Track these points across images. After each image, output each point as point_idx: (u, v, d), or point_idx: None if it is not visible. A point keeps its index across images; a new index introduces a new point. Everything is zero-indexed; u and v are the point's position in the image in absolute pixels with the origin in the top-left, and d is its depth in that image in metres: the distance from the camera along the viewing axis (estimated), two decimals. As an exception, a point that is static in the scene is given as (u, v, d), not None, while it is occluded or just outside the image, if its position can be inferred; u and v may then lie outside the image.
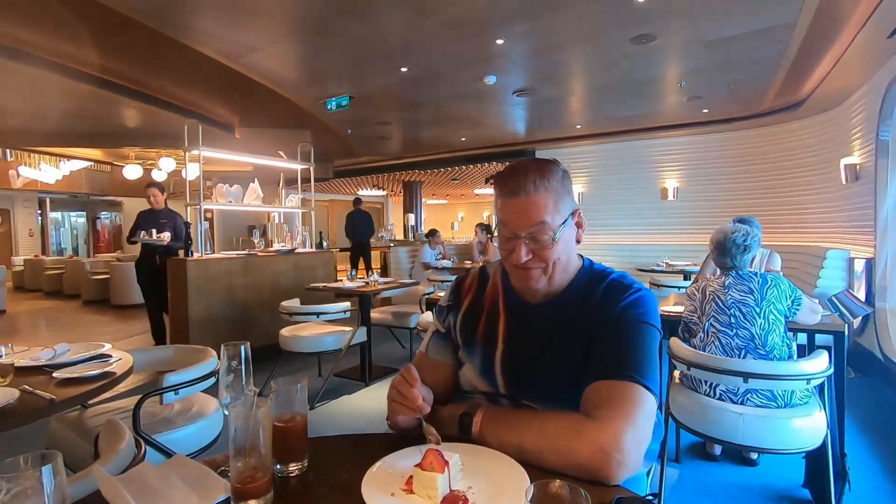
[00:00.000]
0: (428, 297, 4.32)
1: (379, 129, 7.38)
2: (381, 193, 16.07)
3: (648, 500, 0.74)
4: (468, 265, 6.58)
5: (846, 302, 2.61)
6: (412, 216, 12.60)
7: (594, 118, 6.92)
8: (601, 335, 0.95)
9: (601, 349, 0.93)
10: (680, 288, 4.83)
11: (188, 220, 4.31)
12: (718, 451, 2.54)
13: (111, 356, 1.73)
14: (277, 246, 5.35)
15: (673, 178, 7.55)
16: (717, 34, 3.89)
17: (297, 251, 5.11)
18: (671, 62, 4.63)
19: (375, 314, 4.32)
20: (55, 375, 1.52)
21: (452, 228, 18.08)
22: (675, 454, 2.53)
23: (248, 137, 7.15)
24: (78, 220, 16.77)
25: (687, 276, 5.18)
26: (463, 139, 8.23)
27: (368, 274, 4.48)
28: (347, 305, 3.66)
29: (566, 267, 1.02)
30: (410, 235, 11.61)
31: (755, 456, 2.47)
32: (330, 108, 5.67)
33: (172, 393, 1.73)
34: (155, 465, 0.84)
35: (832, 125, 5.51)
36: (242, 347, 0.89)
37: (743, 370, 1.80)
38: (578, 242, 1.04)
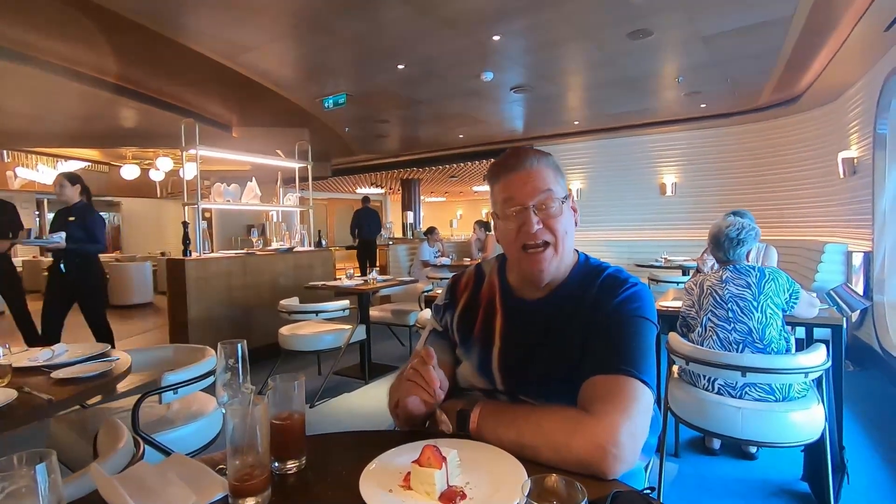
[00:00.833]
0: (427, 294, 4.33)
1: (377, 127, 7.36)
2: (379, 191, 16.05)
3: (646, 493, 0.74)
4: (467, 262, 6.58)
5: (844, 295, 2.62)
6: (411, 214, 12.59)
7: (592, 114, 6.91)
8: (597, 330, 0.95)
9: (598, 344, 0.93)
10: (678, 283, 4.85)
11: (186, 219, 4.29)
12: (717, 445, 2.55)
13: (110, 356, 1.73)
14: (276, 245, 5.35)
15: (671, 173, 7.55)
16: (713, 29, 3.89)
17: (295, 250, 5.11)
18: (668, 57, 4.62)
19: (374, 312, 4.33)
20: (53, 376, 1.52)
21: (451, 226, 18.08)
22: (674, 449, 2.54)
23: (245, 136, 7.14)
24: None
25: (685, 271, 5.18)
26: (461, 136, 8.22)
27: (368, 272, 4.48)
28: (346, 304, 3.66)
29: (570, 249, 1.03)
30: (409, 233, 11.61)
31: (754, 450, 2.48)
32: (327, 106, 5.65)
33: (171, 392, 1.73)
34: (153, 464, 0.84)
35: (830, 119, 5.50)
36: (239, 345, 0.88)
37: (741, 364, 1.81)
38: (576, 225, 1.04)
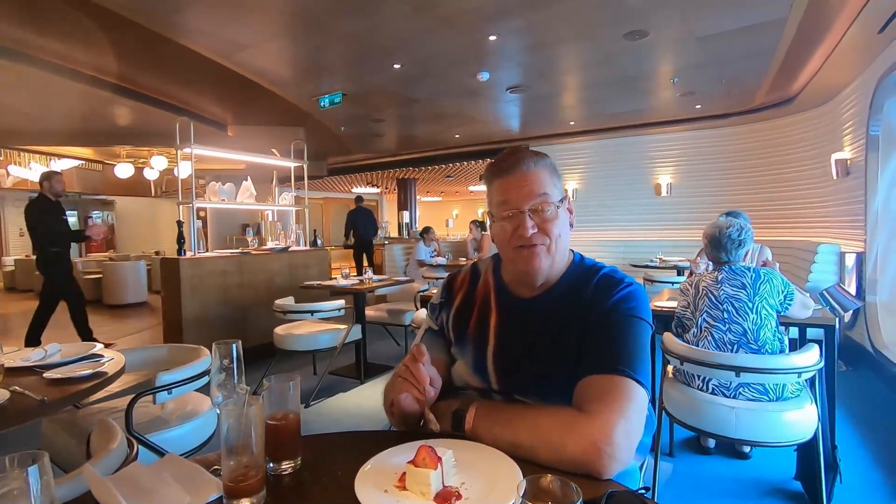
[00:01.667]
0: (422, 294, 4.32)
1: (373, 126, 7.35)
2: (375, 191, 16.03)
3: (640, 493, 0.74)
4: (463, 262, 6.58)
5: (837, 296, 2.64)
6: (407, 213, 12.58)
7: (588, 114, 6.93)
8: (592, 330, 0.95)
9: (592, 344, 0.94)
10: (674, 283, 4.87)
11: (180, 218, 4.26)
12: (712, 444, 2.56)
13: (103, 356, 1.71)
14: (271, 244, 5.33)
15: (666, 173, 7.58)
16: (709, 30, 3.91)
17: (291, 249, 5.09)
18: (664, 58, 4.64)
19: (370, 312, 4.32)
20: (46, 376, 1.50)
21: (447, 226, 18.04)
22: (668, 448, 2.55)
23: (241, 135, 7.11)
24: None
25: (680, 271, 5.20)
26: (457, 136, 8.22)
27: (363, 272, 4.47)
28: (342, 303, 3.65)
29: (564, 251, 1.03)
30: (405, 233, 11.60)
31: (748, 449, 2.50)
32: (323, 105, 5.63)
33: (165, 392, 1.72)
34: (147, 464, 0.84)
35: (823, 120, 5.54)
36: (234, 346, 0.88)
37: (735, 364, 1.81)
38: (571, 227, 1.05)
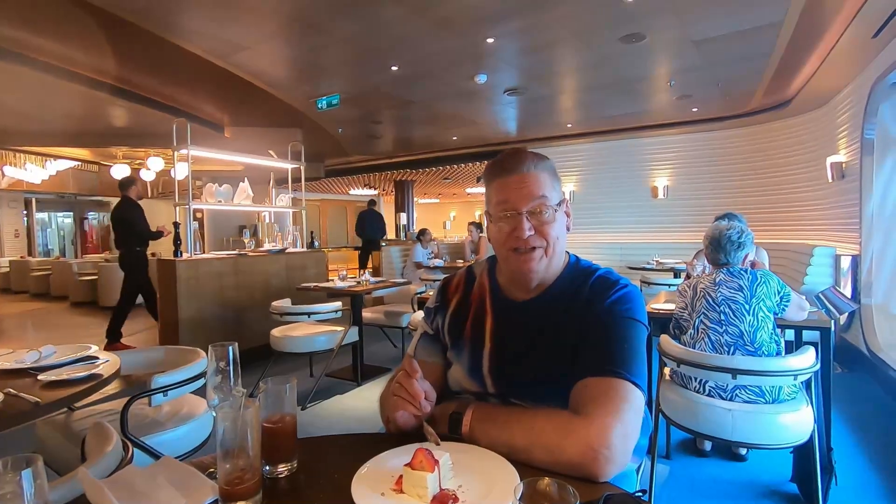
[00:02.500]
0: (420, 296, 4.32)
1: (370, 128, 7.35)
2: (372, 193, 16.02)
3: (637, 496, 0.75)
4: (460, 264, 6.58)
5: (833, 298, 2.66)
6: (404, 215, 12.58)
7: (585, 117, 6.95)
8: (588, 332, 0.95)
9: (589, 346, 0.93)
10: (670, 285, 4.88)
11: (177, 219, 4.25)
12: (708, 446, 2.57)
13: (98, 358, 1.71)
14: (268, 246, 5.31)
15: (663, 176, 7.60)
16: (705, 33, 3.92)
17: (288, 251, 5.08)
18: (660, 61, 4.66)
19: (367, 314, 4.31)
20: (40, 378, 1.49)
21: (444, 227, 18.08)
22: (665, 450, 2.55)
23: (238, 137, 7.10)
24: (65, 220, 16.51)
25: (677, 273, 5.22)
26: (454, 138, 8.23)
27: (360, 273, 4.46)
28: (339, 305, 3.64)
29: (561, 253, 1.03)
30: (402, 235, 11.59)
31: (744, 451, 2.50)
32: (320, 107, 5.63)
33: (161, 395, 1.71)
34: (142, 467, 0.83)
35: (819, 124, 5.57)
36: (230, 348, 0.88)
37: (731, 366, 1.82)
38: (568, 230, 1.05)
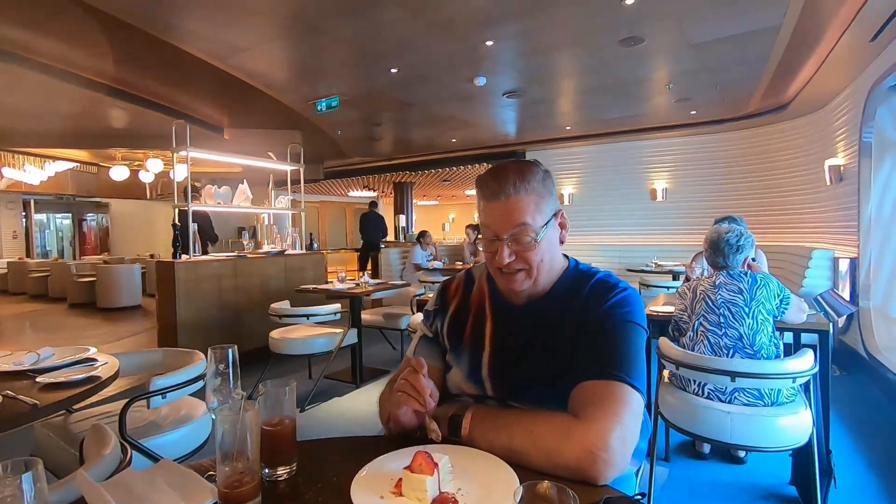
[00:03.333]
0: (419, 298, 4.32)
1: (369, 130, 7.35)
2: (371, 194, 16.02)
3: (637, 499, 0.75)
4: (459, 266, 6.58)
5: (831, 301, 2.66)
6: (403, 217, 12.57)
7: (584, 119, 6.95)
8: (587, 335, 0.95)
9: (588, 349, 0.94)
10: (669, 288, 4.88)
11: (176, 221, 4.25)
12: (707, 449, 2.57)
13: (96, 360, 1.70)
14: (267, 248, 5.31)
15: (662, 179, 7.62)
16: (703, 37, 3.94)
17: (287, 253, 5.08)
18: (659, 64, 4.67)
19: (366, 316, 4.31)
20: (39, 380, 1.49)
21: (443, 229, 18.05)
22: (664, 453, 2.55)
23: (237, 138, 7.09)
24: (63, 221, 16.49)
25: (676, 276, 5.22)
26: (454, 140, 8.23)
27: (360, 275, 4.46)
28: (338, 307, 3.64)
29: (550, 268, 1.02)
30: (401, 237, 11.59)
31: (743, 454, 2.50)
32: (320, 109, 5.64)
33: (160, 397, 1.71)
34: (141, 470, 0.83)
35: (817, 127, 5.59)
36: (230, 351, 0.88)
37: (730, 369, 1.82)
38: (562, 243, 1.04)
